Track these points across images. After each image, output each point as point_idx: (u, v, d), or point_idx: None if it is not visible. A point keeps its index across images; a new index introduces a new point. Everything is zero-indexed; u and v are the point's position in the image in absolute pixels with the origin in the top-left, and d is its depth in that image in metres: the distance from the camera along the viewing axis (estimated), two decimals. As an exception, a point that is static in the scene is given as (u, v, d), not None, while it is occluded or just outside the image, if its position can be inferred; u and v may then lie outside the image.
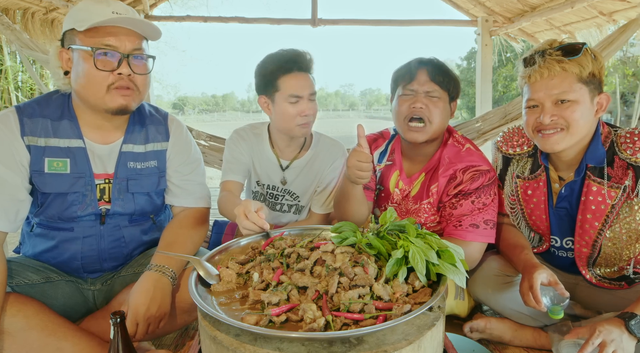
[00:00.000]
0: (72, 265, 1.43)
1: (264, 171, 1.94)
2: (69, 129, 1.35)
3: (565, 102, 1.31)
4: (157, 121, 1.52)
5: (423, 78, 1.58)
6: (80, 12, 1.26)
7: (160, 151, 1.50)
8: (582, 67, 1.30)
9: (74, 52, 1.28)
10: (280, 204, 1.99)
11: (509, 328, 1.54)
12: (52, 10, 3.72)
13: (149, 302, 1.22)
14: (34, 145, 1.30)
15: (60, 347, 1.18)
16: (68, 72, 1.33)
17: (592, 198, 1.39)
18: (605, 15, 3.60)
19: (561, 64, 1.31)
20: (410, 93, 1.60)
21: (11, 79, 4.83)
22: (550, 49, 1.35)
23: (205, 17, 4.40)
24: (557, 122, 1.33)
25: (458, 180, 1.58)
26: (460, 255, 0.97)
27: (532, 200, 1.55)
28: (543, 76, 1.33)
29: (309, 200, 1.96)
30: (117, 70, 1.27)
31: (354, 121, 37.73)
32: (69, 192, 1.34)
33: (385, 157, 1.80)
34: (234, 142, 1.91)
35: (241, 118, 51.92)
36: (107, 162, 1.41)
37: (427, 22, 4.80)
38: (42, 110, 1.34)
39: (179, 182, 1.54)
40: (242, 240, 1.23)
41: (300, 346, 0.77)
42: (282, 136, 1.85)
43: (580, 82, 1.31)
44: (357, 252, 1.03)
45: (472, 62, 31.22)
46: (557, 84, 1.32)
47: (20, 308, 1.17)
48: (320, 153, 1.91)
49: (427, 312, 0.88)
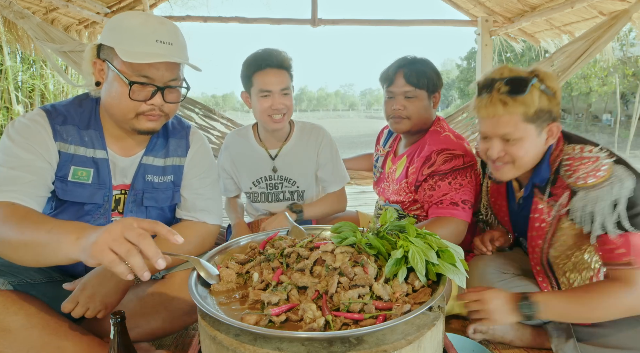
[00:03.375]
0: (76, 270, 1.42)
1: (254, 166, 2.03)
2: (94, 139, 1.34)
3: (511, 140, 1.32)
4: (179, 134, 1.49)
5: (400, 81, 1.79)
6: (125, 34, 1.20)
7: (179, 166, 1.48)
8: (528, 106, 1.28)
9: (109, 69, 1.25)
10: (282, 193, 2.05)
11: (510, 329, 1.54)
12: (52, 10, 3.71)
13: (97, 286, 1.20)
14: (63, 152, 1.29)
15: (61, 346, 1.18)
16: (99, 83, 1.29)
17: (537, 216, 1.42)
18: (605, 15, 3.59)
19: (505, 106, 1.28)
20: (390, 95, 1.84)
21: (11, 79, 4.82)
22: (499, 80, 1.30)
23: (205, 17, 4.39)
24: (503, 158, 1.36)
25: (432, 161, 1.73)
26: (460, 255, 0.97)
27: (498, 202, 1.64)
28: (489, 115, 1.33)
29: (308, 184, 2.05)
30: (150, 101, 1.25)
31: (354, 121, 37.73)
32: (87, 202, 1.33)
33: (388, 144, 2.10)
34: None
35: (241, 118, 51.99)
36: (126, 173, 1.40)
37: (427, 22, 4.79)
38: (73, 118, 1.32)
39: (189, 195, 1.50)
40: (242, 240, 1.24)
41: (300, 346, 0.77)
42: (265, 128, 1.97)
43: (525, 121, 1.30)
44: (357, 251, 1.03)
45: (472, 62, 31.22)
46: (502, 124, 1.31)
47: (21, 307, 1.17)
48: (304, 137, 2.04)
49: (427, 312, 0.88)
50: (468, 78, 30.87)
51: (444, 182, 1.68)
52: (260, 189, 2.05)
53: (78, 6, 3.68)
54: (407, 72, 1.77)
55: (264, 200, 2.06)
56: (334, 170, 2.04)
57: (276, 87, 1.81)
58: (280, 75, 1.83)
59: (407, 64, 1.80)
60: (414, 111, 1.79)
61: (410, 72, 1.76)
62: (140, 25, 1.20)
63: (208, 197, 1.53)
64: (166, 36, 1.22)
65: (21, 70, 5.04)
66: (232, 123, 3.30)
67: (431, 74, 1.79)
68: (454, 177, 1.67)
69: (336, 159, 2.06)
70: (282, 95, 1.84)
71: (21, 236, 1.01)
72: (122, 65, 1.21)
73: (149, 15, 1.28)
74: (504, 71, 1.33)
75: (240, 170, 2.06)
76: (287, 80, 1.85)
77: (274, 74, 1.82)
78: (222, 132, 3.26)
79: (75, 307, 1.19)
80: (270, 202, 2.06)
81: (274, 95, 1.82)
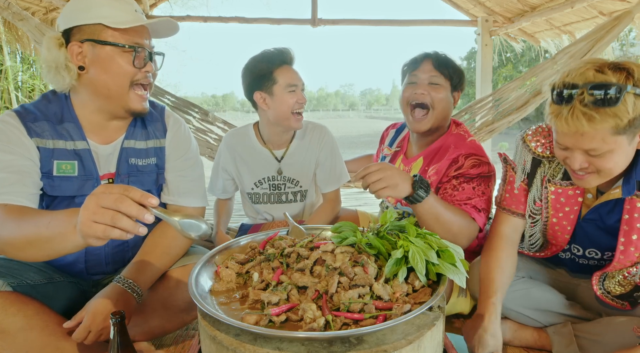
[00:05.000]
0: (76, 269, 1.42)
1: (257, 167, 2.01)
2: (72, 131, 1.33)
3: (597, 154, 1.11)
4: (155, 117, 1.50)
5: (427, 67, 1.70)
6: (106, 8, 1.25)
7: (160, 148, 1.49)
8: (619, 118, 1.03)
9: (94, 47, 1.26)
10: (285, 194, 2.04)
11: (508, 329, 1.54)
12: (52, 10, 3.71)
13: (107, 312, 1.19)
14: (42, 147, 1.28)
15: (60, 347, 1.18)
16: (83, 67, 1.28)
17: (638, 216, 1.23)
18: (605, 15, 3.59)
19: (591, 121, 1.04)
20: (414, 80, 1.71)
21: (11, 79, 4.82)
22: (582, 89, 1.06)
23: (205, 17, 4.39)
24: (587, 169, 1.17)
25: (459, 163, 1.63)
26: (460, 255, 0.97)
27: (563, 209, 1.37)
28: (570, 130, 1.09)
29: (310, 184, 2.04)
30: (144, 68, 1.31)
31: (354, 121, 37.56)
32: (77, 195, 1.33)
33: (395, 144, 1.97)
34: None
35: (241, 118, 51.98)
36: (110, 161, 1.40)
37: (427, 22, 4.80)
38: (44, 114, 1.31)
39: (173, 178, 1.51)
40: (242, 240, 1.24)
41: (300, 346, 0.77)
42: (276, 130, 1.95)
43: (615, 134, 1.06)
44: (357, 251, 1.02)
45: (472, 62, 31.23)
46: (587, 140, 1.09)
47: (20, 308, 1.16)
48: (306, 137, 2.04)
49: (427, 312, 0.88)
50: (468, 78, 30.76)
51: (468, 185, 1.59)
52: (263, 190, 2.04)
53: (78, 6, 3.67)
54: (435, 58, 1.71)
55: (267, 201, 2.05)
56: (330, 170, 2.03)
57: (299, 82, 1.88)
58: (297, 71, 1.91)
59: (435, 53, 1.75)
60: (438, 100, 1.66)
61: (438, 60, 1.71)
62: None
63: (191, 178, 1.54)
64: (137, 7, 1.33)
65: (21, 70, 5.04)
66: (228, 126, 3.25)
67: (458, 69, 1.74)
68: (479, 183, 1.59)
69: (335, 159, 2.05)
70: (302, 90, 1.90)
71: (23, 236, 1.01)
72: (118, 37, 1.26)
73: None
74: (588, 73, 1.07)
75: (242, 171, 2.04)
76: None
77: (295, 70, 1.90)
78: (219, 135, 3.19)
79: (89, 335, 1.18)
80: (272, 203, 2.05)
81: (298, 90, 1.87)
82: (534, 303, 1.49)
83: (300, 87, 1.88)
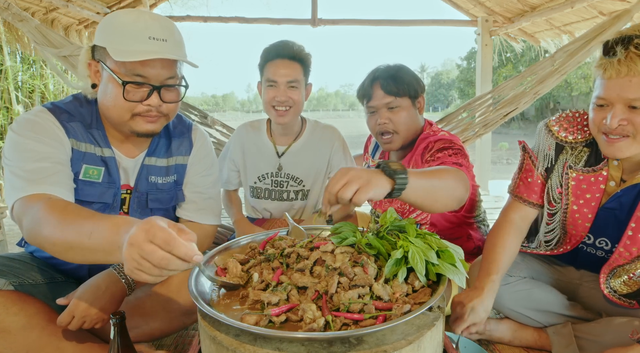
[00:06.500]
0: (79, 274, 1.42)
1: (261, 160, 2.01)
2: (99, 138, 1.31)
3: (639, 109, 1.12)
4: (181, 133, 1.46)
5: (379, 94, 1.69)
6: (115, 32, 1.15)
7: (182, 165, 1.45)
8: None
9: (103, 70, 1.22)
10: (287, 192, 2.03)
11: (508, 329, 1.54)
12: (52, 10, 3.71)
13: (92, 300, 1.17)
14: (76, 149, 1.26)
15: (61, 347, 1.18)
16: (96, 85, 1.26)
17: None
18: (605, 15, 3.59)
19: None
20: (372, 110, 1.74)
21: (11, 79, 4.82)
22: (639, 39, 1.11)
23: (205, 17, 4.40)
24: (624, 128, 1.16)
25: (429, 147, 1.61)
26: (460, 255, 0.97)
27: (584, 196, 1.36)
28: (620, 74, 1.12)
29: (314, 184, 2.03)
30: (146, 101, 1.21)
31: (354, 121, 37.65)
32: (96, 201, 1.31)
33: (377, 154, 1.98)
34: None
35: (241, 118, 52.02)
36: (130, 175, 1.38)
37: (427, 22, 4.80)
38: (76, 116, 1.29)
39: (190, 193, 1.48)
40: (242, 240, 1.24)
41: (300, 346, 0.77)
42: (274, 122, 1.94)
43: None
44: (357, 252, 1.03)
45: (472, 62, 31.25)
46: (634, 86, 1.11)
47: (22, 307, 1.17)
48: (315, 137, 2.01)
49: (427, 312, 0.88)
50: (468, 78, 30.89)
51: (442, 153, 1.53)
52: (265, 185, 2.03)
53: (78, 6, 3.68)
54: (383, 82, 1.66)
55: (267, 197, 2.05)
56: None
57: (282, 78, 1.79)
58: (289, 67, 1.81)
59: (381, 73, 1.70)
60: (400, 122, 1.69)
61: (387, 82, 1.66)
62: (132, 22, 1.15)
63: (209, 196, 1.51)
64: (159, 32, 1.16)
65: (21, 70, 5.04)
66: (227, 129, 3.22)
67: (409, 79, 1.68)
68: (454, 153, 1.52)
69: (347, 160, 2.03)
70: (288, 87, 1.81)
71: (64, 240, 0.95)
72: (115, 65, 1.17)
73: (142, 12, 1.21)
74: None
75: (248, 163, 2.04)
76: (296, 73, 1.81)
77: (283, 65, 1.80)
78: (218, 139, 3.11)
79: (72, 321, 1.16)
80: (273, 200, 2.04)
81: (279, 87, 1.80)
82: (535, 304, 1.50)
83: (283, 83, 1.79)
